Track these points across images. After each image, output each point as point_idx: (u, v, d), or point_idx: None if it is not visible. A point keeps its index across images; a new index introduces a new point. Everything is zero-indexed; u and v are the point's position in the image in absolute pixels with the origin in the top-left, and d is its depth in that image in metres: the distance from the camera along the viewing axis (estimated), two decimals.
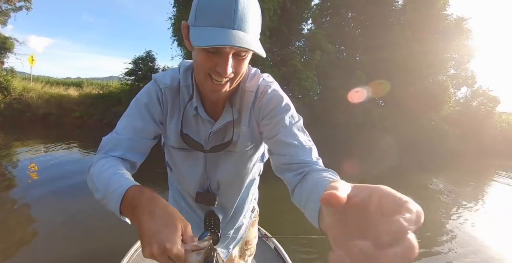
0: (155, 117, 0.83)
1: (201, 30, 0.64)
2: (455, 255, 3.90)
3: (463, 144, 13.46)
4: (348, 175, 7.76)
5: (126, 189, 0.61)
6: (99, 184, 0.68)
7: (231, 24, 0.62)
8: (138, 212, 0.57)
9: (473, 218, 5.31)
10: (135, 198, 0.59)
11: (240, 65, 0.70)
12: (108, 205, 0.64)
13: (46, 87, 14.37)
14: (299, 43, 12.66)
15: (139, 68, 13.15)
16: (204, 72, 0.70)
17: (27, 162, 6.98)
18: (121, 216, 0.63)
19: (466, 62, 17.43)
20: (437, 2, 15.51)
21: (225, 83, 0.72)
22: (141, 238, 0.55)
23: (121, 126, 0.80)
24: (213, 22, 0.62)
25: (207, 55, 0.67)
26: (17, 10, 15.32)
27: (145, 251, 0.53)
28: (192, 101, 0.83)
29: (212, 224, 1.01)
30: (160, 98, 0.83)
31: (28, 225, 3.88)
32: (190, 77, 0.84)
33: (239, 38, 0.61)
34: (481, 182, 8.61)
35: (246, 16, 0.63)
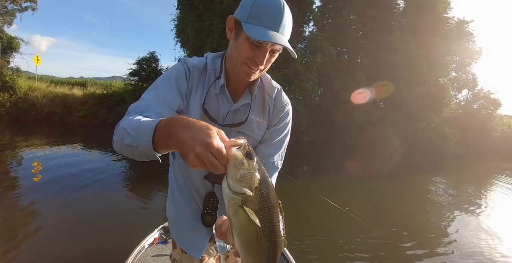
0: (181, 91, 0.93)
1: (256, 27, 0.81)
2: (456, 254, 3.94)
3: (463, 146, 13.51)
4: (348, 175, 7.85)
5: (158, 122, 0.64)
6: (130, 129, 0.69)
7: (278, 29, 0.82)
8: (173, 133, 0.59)
9: (474, 219, 5.36)
10: (168, 123, 0.62)
11: (270, 60, 0.91)
12: (140, 144, 0.66)
13: (51, 87, 14.57)
14: (301, 45, 12.77)
15: (142, 69, 13.36)
16: (243, 60, 0.88)
17: (32, 160, 7.11)
18: (155, 151, 0.65)
19: (467, 65, 17.49)
20: (438, 5, 15.58)
21: (256, 70, 0.90)
22: (183, 149, 0.56)
23: (149, 96, 0.88)
24: (265, 24, 0.81)
25: (251, 47, 0.85)
26: (23, 11, 15.50)
27: (189, 157, 0.55)
28: (219, 81, 0.97)
29: (210, 205, 1.05)
30: (187, 75, 0.96)
31: (33, 223, 3.89)
32: (220, 63, 0.99)
33: (281, 39, 0.82)
34: (480, 184, 8.67)
35: (286, 24, 0.85)
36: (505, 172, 10.59)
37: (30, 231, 3.62)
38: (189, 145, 0.54)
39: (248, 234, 0.60)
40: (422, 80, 13.47)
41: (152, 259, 2.47)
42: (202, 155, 0.53)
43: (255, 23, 0.82)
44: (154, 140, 0.63)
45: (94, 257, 3.14)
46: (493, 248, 4.20)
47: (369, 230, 3.46)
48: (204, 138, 0.54)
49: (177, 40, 14.34)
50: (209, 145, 0.53)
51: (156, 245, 2.67)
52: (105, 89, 15.76)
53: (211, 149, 0.53)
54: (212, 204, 1.05)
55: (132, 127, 0.69)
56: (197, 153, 0.53)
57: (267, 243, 0.61)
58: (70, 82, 17.27)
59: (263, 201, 0.59)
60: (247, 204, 0.57)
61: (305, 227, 4.48)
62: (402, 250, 3.93)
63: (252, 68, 0.89)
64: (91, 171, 6.39)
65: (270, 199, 0.60)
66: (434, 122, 13.63)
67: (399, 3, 16.69)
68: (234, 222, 0.60)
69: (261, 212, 0.58)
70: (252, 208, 0.58)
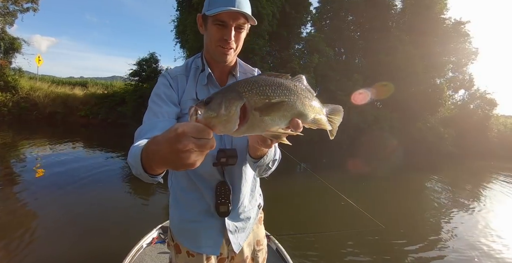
0: (173, 100, 1.01)
1: (214, 10, 0.93)
2: (453, 251, 4.00)
3: (458, 146, 13.66)
4: (344, 174, 7.93)
5: (140, 151, 0.66)
6: (131, 159, 0.73)
7: (234, 5, 0.93)
8: (150, 155, 0.61)
9: (469, 216, 5.45)
10: (145, 149, 0.64)
11: (238, 37, 1.01)
12: (141, 172, 0.69)
13: (52, 87, 14.78)
14: (298, 46, 12.97)
15: (143, 69, 13.54)
16: (215, 43, 0.99)
17: (33, 159, 7.21)
18: (151, 176, 0.70)
19: (464, 65, 17.66)
20: (435, 6, 15.75)
21: (230, 49, 1.00)
22: (167, 159, 0.54)
23: (148, 117, 0.96)
24: (222, 4, 0.93)
25: (217, 28, 0.97)
26: (24, 11, 15.63)
27: (179, 160, 0.51)
28: (204, 72, 1.06)
29: (223, 194, 1.05)
30: (172, 85, 1.04)
31: (31, 221, 3.91)
32: (200, 59, 1.09)
33: (239, 10, 0.93)
34: (476, 183, 8.75)
35: (242, 1, 0.95)
36: (500, 172, 10.70)
37: (28, 230, 3.62)
38: (168, 152, 0.52)
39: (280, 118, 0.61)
40: (418, 81, 13.63)
41: (150, 258, 2.46)
42: (184, 145, 0.49)
43: (214, 7, 0.94)
44: (144, 166, 0.65)
45: (92, 256, 3.13)
46: (490, 242, 4.31)
47: (371, 224, 3.29)
48: (171, 135, 0.51)
49: (176, 41, 14.53)
50: (178, 135, 0.49)
51: (155, 245, 2.64)
52: (106, 89, 15.96)
53: (183, 136, 0.49)
54: (224, 192, 1.05)
55: (131, 158, 0.73)
56: (178, 149, 0.49)
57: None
58: (71, 82, 17.45)
59: (258, 95, 0.58)
60: (258, 111, 0.57)
61: (303, 225, 4.51)
62: (402, 245, 3.99)
63: (225, 47, 0.98)
64: (91, 170, 6.45)
65: (262, 89, 0.59)
66: (430, 122, 13.80)
67: (397, 4, 16.90)
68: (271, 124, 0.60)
69: (266, 99, 0.58)
70: (261, 106, 0.57)
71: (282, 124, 0.62)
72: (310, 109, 0.66)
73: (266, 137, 0.70)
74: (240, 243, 1.12)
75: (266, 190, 1.39)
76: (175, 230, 1.12)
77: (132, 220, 4.11)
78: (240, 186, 1.10)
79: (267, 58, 11.08)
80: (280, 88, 0.60)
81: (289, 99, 0.61)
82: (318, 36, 12.87)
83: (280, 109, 0.60)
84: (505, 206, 6.57)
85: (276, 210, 4.75)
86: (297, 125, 0.64)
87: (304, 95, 0.65)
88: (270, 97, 0.58)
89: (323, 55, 12.45)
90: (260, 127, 0.59)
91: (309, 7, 12.71)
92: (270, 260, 2.33)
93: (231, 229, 1.09)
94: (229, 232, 1.08)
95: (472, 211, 5.72)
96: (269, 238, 2.66)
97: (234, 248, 1.10)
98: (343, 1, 15.97)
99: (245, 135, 0.60)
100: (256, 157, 0.94)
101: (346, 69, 13.36)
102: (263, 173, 1.04)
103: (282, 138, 0.66)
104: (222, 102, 0.54)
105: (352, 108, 11.47)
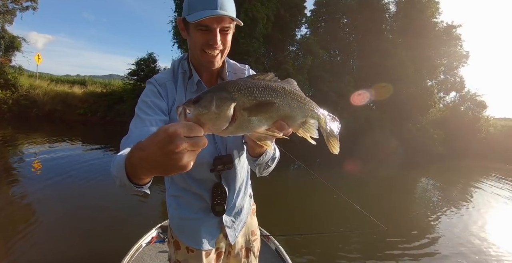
0: (162, 108, 0.96)
1: (194, 14, 0.87)
2: (440, 245, 4.10)
3: (447, 146, 14.05)
4: (335, 173, 8.04)
5: (124, 160, 0.61)
6: (114, 170, 0.67)
7: (216, 6, 0.86)
8: (135, 163, 0.57)
9: (458, 216, 5.55)
10: (129, 158, 0.60)
11: (225, 39, 0.94)
12: (125, 183, 0.64)
13: (52, 85, 15.01)
14: (293, 48, 13.33)
15: (141, 69, 13.84)
16: (200, 48, 0.92)
17: (32, 156, 7.24)
18: (137, 186, 0.64)
19: (455, 68, 18.11)
20: (427, 10, 16.16)
21: (217, 54, 0.94)
22: (157, 159, 0.50)
23: (134, 124, 0.91)
24: (202, 7, 0.87)
25: (201, 33, 0.90)
26: (24, 10, 15.77)
27: (171, 164, 0.48)
28: (192, 79, 1.02)
29: (219, 195, 1.06)
30: (161, 93, 0.99)
31: (30, 219, 3.86)
32: (187, 63, 1.04)
33: (221, 13, 0.86)
34: (466, 183, 8.96)
35: (224, 1, 0.89)
36: (488, 171, 10.91)
37: (27, 228, 3.60)
38: (158, 155, 0.49)
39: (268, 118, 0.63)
40: (409, 83, 14.03)
41: (150, 258, 2.46)
42: (177, 146, 0.47)
43: (194, 11, 0.87)
44: (129, 176, 0.61)
45: (91, 255, 3.12)
46: (478, 240, 4.42)
47: (371, 225, 3.21)
48: (160, 137, 0.48)
49: (174, 41, 14.82)
50: (170, 136, 0.47)
51: (154, 244, 2.64)
52: (104, 88, 16.23)
53: (175, 136, 0.47)
54: (220, 194, 1.07)
55: (115, 169, 0.66)
56: (170, 150, 0.47)
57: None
58: (68, 81, 17.65)
59: (246, 96, 0.59)
60: (246, 111, 0.58)
61: (302, 225, 4.51)
62: (399, 243, 4.05)
63: (211, 53, 0.93)
64: (90, 168, 6.44)
65: (250, 91, 0.60)
66: (420, 123, 14.21)
67: (391, 7, 17.30)
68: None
69: (254, 100, 0.59)
70: (249, 107, 0.58)
71: (268, 124, 0.63)
72: (298, 113, 0.67)
73: (251, 138, 0.69)
74: (236, 235, 1.16)
75: (264, 189, 1.48)
76: (175, 228, 1.13)
77: (131, 219, 4.10)
78: (235, 186, 1.13)
79: (262, 59, 11.43)
80: (268, 90, 0.61)
81: (276, 101, 0.62)
82: (312, 38, 13.25)
83: (268, 110, 0.61)
84: (500, 205, 6.72)
85: (274, 209, 4.87)
86: (281, 127, 0.65)
87: (291, 97, 0.66)
88: (258, 98, 0.59)
89: (317, 57, 12.81)
90: (247, 127, 0.60)
91: (304, 11, 13.05)
92: (269, 260, 2.47)
93: (228, 224, 1.13)
94: (226, 227, 1.12)
95: (462, 212, 5.84)
96: (268, 238, 2.69)
97: (231, 241, 1.14)
98: (338, 4, 16.36)
99: (232, 135, 0.60)
100: (255, 155, 0.94)
101: (339, 71, 13.75)
102: (263, 172, 1.05)
103: (267, 141, 0.68)
104: (213, 100, 0.54)
105: (344, 109, 11.85)
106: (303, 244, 3.70)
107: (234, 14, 0.93)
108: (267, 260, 2.46)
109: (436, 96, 15.31)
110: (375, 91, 13.13)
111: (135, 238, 2.63)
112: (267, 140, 0.68)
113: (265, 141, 0.68)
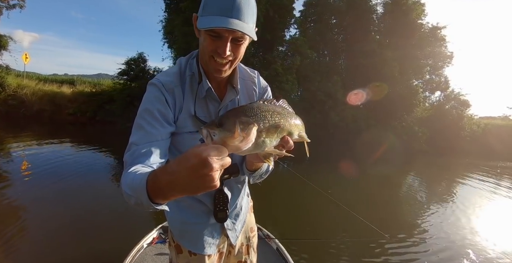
0: (168, 119, 0.90)
1: (207, 18, 0.79)
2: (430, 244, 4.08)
3: (431, 144, 14.50)
4: (324, 171, 8.23)
5: (146, 181, 0.63)
6: (129, 190, 0.69)
7: (230, 14, 0.77)
8: (164, 186, 0.59)
9: (441, 211, 5.63)
10: (153, 181, 0.61)
11: (237, 49, 0.85)
12: (143, 202, 0.65)
13: (40, 85, 14.88)
14: (282, 48, 13.54)
15: (131, 69, 13.84)
16: (208, 54, 0.85)
17: (21, 158, 7.08)
18: (157, 205, 0.64)
19: (440, 68, 18.65)
20: (412, 12, 16.59)
21: (225, 64, 0.87)
22: (191, 182, 0.54)
23: (138, 137, 0.85)
24: (216, 12, 0.78)
25: (211, 39, 0.82)
26: (10, 8, 15.52)
27: (205, 171, 0.52)
28: (202, 85, 0.94)
29: (221, 202, 1.06)
30: (168, 101, 0.91)
31: (27, 221, 3.83)
32: (196, 64, 0.96)
33: (235, 24, 0.77)
34: (451, 179, 9.22)
35: (242, 8, 0.79)
36: (469, 168, 11.32)
37: (25, 230, 3.58)
38: (192, 178, 0.53)
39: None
40: (395, 82, 14.41)
41: (151, 258, 2.45)
42: (211, 169, 0.51)
43: (208, 14, 0.80)
44: (151, 197, 0.62)
45: (92, 256, 3.10)
46: (463, 234, 4.52)
47: (370, 232, 3.10)
48: (194, 162, 0.52)
49: (164, 41, 14.86)
50: (204, 160, 0.51)
51: (155, 245, 2.64)
52: (94, 87, 16.15)
53: (208, 160, 0.51)
54: (222, 200, 1.07)
55: (130, 188, 0.69)
56: (204, 173, 0.52)
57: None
58: (56, 80, 17.47)
59: (261, 120, 0.68)
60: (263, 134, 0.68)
61: (305, 229, 4.45)
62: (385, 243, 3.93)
63: (219, 61, 0.85)
64: (81, 169, 6.36)
65: (264, 115, 0.70)
66: (406, 121, 14.62)
67: (378, 9, 17.68)
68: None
69: (268, 123, 0.70)
70: (263, 129, 0.68)
71: (276, 143, 0.74)
72: (295, 128, 0.82)
73: (259, 155, 0.77)
74: (237, 235, 1.18)
75: (264, 188, 1.47)
76: (176, 232, 1.12)
77: (132, 220, 4.09)
78: (238, 191, 1.16)
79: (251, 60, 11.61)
80: (276, 114, 0.73)
81: (282, 123, 0.74)
82: (301, 39, 13.50)
83: (277, 131, 0.72)
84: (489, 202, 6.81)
85: (277, 212, 4.91)
86: (287, 142, 0.75)
87: (290, 117, 0.79)
88: (270, 121, 0.70)
89: (306, 57, 13.07)
90: (261, 147, 0.69)
91: (293, 11, 13.29)
92: (270, 259, 2.49)
93: (229, 227, 1.14)
94: (228, 230, 1.13)
95: (445, 207, 5.97)
96: (269, 238, 2.72)
97: (232, 242, 1.16)
98: (327, 5, 16.65)
99: (248, 153, 0.69)
100: (252, 170, 1.01)
101: (327, 71, 14.03)
102: (256, 181, 1.09)
103: (271, 158, 0.77)
104: (236, 124, 0.59)
105: (331, 108, 12.13)
106: (304, 247, 3.63)
107: (253, 23, 0.85)
108: (268, 260, 2.48)
109: (422, 96, 15.74)
110: (371, 90, 13.46)
111: (136, 239, 2.63)
112: (271, 156, 0.77)
113: (269, 157, 0.77)
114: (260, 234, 2.85)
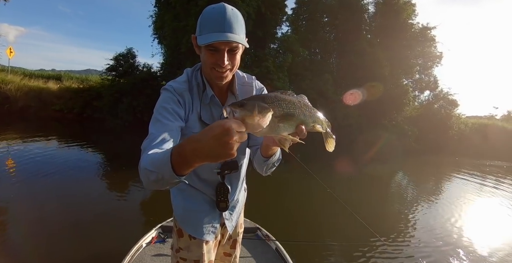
0: (181, 116, 1.04)
1: (205, 36, 0.94)
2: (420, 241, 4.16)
3: (421, 142, 14.75)
4: (317, 167, 8.11)
5: (170, 152, 0.70)
6: (150, 166, 0.76)
7: (223, 29, 0.92)
8: (189, 154, 0.65)
9: (427, 208, 5.78)
10: (178, 151, 0.68)
11: (233, 58, 1.01)
12: (164, 176, 0.71)
13: (25, 80, 14.43)
14: (274, 46, 13.47)
15: (120, 65, 13.54)
16: (210, 66, 1.01)
17: (5, 155, 6.88)
18: (179, 177, 0.71)
19: (429, 67, 18.93)
20: (403, 12, 16.75)
21: (225, 71, 1.02)
22: (214, 149, 0.60)
23: (156, 128, 0.96)
24: (212, 29, 0.93)
25: (210, 54, 0.97)
26: None
27: (226, 139, 0.58)
28: (206, 92, 1.11)
29: (222, 193, 1.19)
30: (180, 102, 1.06)
31: (25, 220, 3.79)
32: (200, 75, 1.12)
33: (228, 36, 0.92)
34: (439, 177, 9.43)
35: (232, 23, 0.94)
36: (456, 165, 11.60)
37: (22, 229, 3.56)
38: (215, 145, 0.59)
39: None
40: (386, 81, 14.55)
41: (150, 258, 2.46)
42: (231, 137, 0.58)
43: (204, 33, 0.94)
44: (174, 168, 0.69)
45: (91, 256, 3.08)
46: (454, 232, 4.64)
47: (366, 234, 3.15)
48: (218, 131, 0.59)
49: (154, 37, 14.60)
50: (226, 130, 0.58)
51: (154, 244, 2.64)
52: (81, 83, 15.77)
53: (230, 130, 0.58)
54: (223, 192, 1.20)
55: (151, 165, 0.76)
56: (225, 141, 0.58)
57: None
58: (43, 76, 17.00)
59: (277, 107, 0.76)
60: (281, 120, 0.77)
61: (306, 230, 4.41)
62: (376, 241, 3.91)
63: (220, 71, 1.00)
64: (72, 167, 6.30)
65: (283, 102, 0.79)
66: (396, 120, 14.80)
67: (369, 8, 17.79)
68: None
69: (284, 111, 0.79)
70: (278, 115, 0.76)
71: (290, 130, 0.82)
72: (310, 120, 0.88)
73: (275, 139, 0.89)
74: (233, 225, 1.32)
75: (263, 188, 1.52)
76: (179, 218, 1.24)
77: (132, 220, 4.10)
78: (236, 185, 1.27)
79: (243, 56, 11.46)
80: (291, 103, 0.82)
81: (296, 112, 0.82)
82: (293, 36, 13.46)
83: (291, 118, 0.80)
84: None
85: (279, 213, 4.88)
86: (301, 131, 0.83)
87: (305, 109, 0.87)
88: (285, 109, 0.78)
89: (297, 55, 13.04)
90: (276, 131, 0.78)
91: (285, 9, 13.22)
92: (270, 260, 2.50)
93: (227, 217, 1.27)
94: (225, 220, 1.26)
95: (431, 204, 6.13)
96: (268, 238, 2.74)
97: (229, 230, 1.30)
98: (319, 3, 16.67)
99: (263, 135, 0.78)
100: (267, 156, 1.09)
101: (319, 69, 14.05)
102: (268, 171, 1.17)
103: (286, 144, 0.87)
104: (255, 107, 0.67)
105: (322, 106, 12.13)
106: (304, 248, 3.58)
107: (243, 33, 1.00)
108: (267, 260, 2.50)
109: (411, 95, 15.93)
110: (366, 90, 13.53)
111: (135, 238, 2.62)
112: (286, 142, 0.86)
113: (284, 143, 0.86)
114: (260, 234, 2.87)
